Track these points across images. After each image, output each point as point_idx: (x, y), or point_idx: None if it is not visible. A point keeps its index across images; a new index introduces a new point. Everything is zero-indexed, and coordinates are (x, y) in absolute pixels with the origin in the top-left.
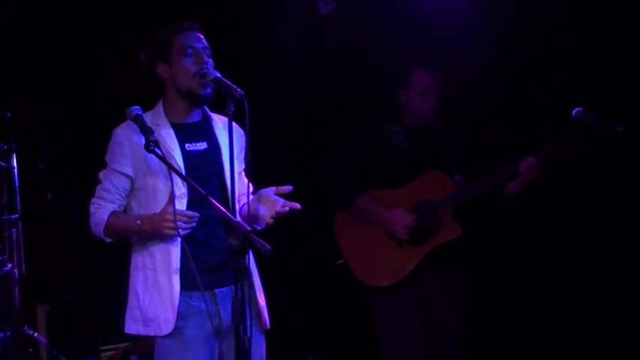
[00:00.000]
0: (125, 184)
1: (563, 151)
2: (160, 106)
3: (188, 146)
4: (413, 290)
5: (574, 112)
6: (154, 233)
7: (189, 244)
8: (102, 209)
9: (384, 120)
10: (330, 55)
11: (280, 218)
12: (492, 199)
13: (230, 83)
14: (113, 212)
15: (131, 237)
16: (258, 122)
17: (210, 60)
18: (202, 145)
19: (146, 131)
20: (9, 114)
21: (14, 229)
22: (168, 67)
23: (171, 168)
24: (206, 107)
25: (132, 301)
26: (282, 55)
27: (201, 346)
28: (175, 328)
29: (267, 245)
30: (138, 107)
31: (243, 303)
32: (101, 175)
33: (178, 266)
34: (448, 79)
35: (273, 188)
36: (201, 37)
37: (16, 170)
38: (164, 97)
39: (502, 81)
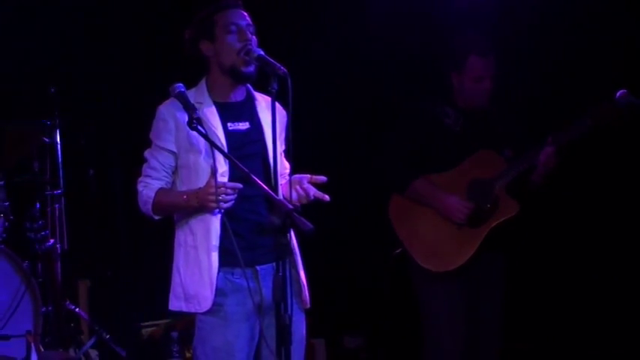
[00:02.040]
0: (171, 160)
1: (607, 118)
2: (203, 84)
3: (230, 125)
4: (462, 274)
5: (618, 94)
6: (199, 208)
7: (231, 221)
8: (149, 187)
9: (436, 101)
10: (378, 34)
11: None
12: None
13: (273, 61)
14: (160, 189)
15: (177, 213)
16: (302, 101)
17: (254, 37)
18: (245, 125)
19: (189, 108)
20: (53, 90)
21: (57, 205)
22: (212, 44)
23: (213, 145)
24: (249, 86)
25: (175, 278)
26: (328, 34)
27: (242, 323)
28: (216, 304)
29: (309, 224)
30: (181, 84)
31: (284, 281)
32: (147, 153)
33: (217, 243)
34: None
35: (307, 176)
36: (245, 14)
37: (59, 146)
38: (207, 75)
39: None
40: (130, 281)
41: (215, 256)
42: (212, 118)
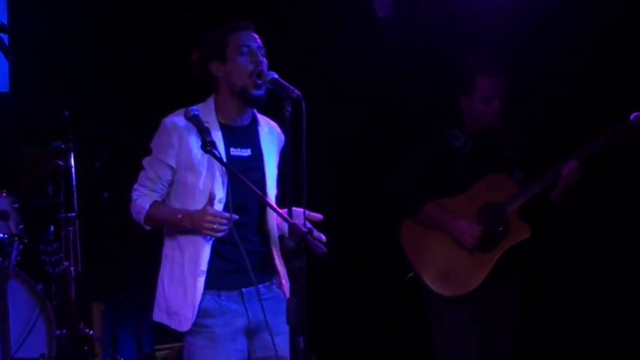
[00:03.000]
0: (168, 175)
1: (621, 139)
2: (211, 104)
3: (233, 151)
4: (475, 298)
5: (633, 116)
6: (192, 229)
7: (221, 245)
8: (144, 198)
9: (445, 124)
10: (389, 58)
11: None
12: (541, 205)
13: (287, 84)
14: (155, 202)
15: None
16: (315, 125)
17: (265, 60)
18: (246, 152)
19: (203, 132)
20: (67, 113)
21: (71, 228)
22: (223, 65)
23: (229, 170)
24: (255, 110)
25: (159, 290)
26: (340, 58)
27: (230, 343)
28: (200, 325)
29: (323, 247)
30: (195, 108)
31: (297, 305)
32: (145, 162)
33: (205, 268)
34: (508, 79)
35: (303, 211)
36: (257, 37)
37: (73, 169)
38: (216, 95)
39: (560, 72)
40: (143, 304)
41: (201, 282)
42: (217, 141)
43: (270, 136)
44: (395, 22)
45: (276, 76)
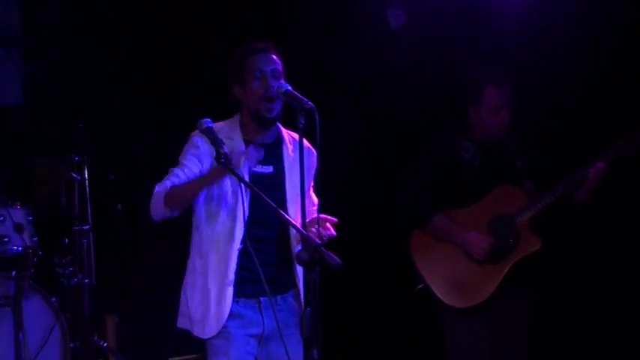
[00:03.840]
0: (196, 169)
1: (630, 150)
2: (236, 120)
3: (255, 168)
4: (487, 309)
5: None
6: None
7: (244, 256)
8: (163, 187)
9: (454, 135)
10: (400, 69)
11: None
12: (562, 209)
13: (300, 96)
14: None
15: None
16: (328, 136)
17: (281, 81)
18: (268, 169)
19: (217, 144)
20: (81, 125)
21: (85, 240)
22: (242, 89)
23: (241, 180)
24: (281, 127)
25: (182, 299)
26: (350, 68)
27: (244, 345)
28: (222, 327)
29: (337, 259)
30: (209, 120)
31: (312, 316)
32: (170, 170)
33: (233, 278)
34: (517, 89)
35: (317, 222)
36: (274, 58)
37: (87, 182)
38: (240, 115)
39: (570, 84)
40: (158, 316)
41: (230, 291)
42: (239, 157)
43: (296, 154)
44: (407, 32)
45: (290, 88)
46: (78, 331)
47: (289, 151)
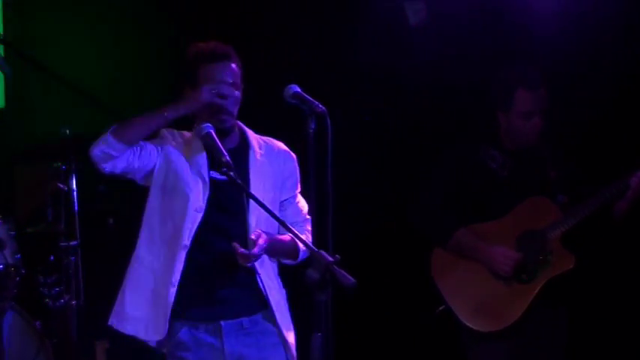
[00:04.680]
0: (149, 155)
1: None
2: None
3: (212, 173)
4: (515, 332)
5: None
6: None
7: (201, 275)
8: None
9: (481, 144)
10: (419, 69)
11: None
12: (599, 222)
13: (311, 99)
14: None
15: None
16: (340, 141)
17: (236, 93)
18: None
19: (218, 152)
20: (68, 131)
21: (72, 258)
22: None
23: (247, 194)
24: (247, 131)
25: (119, 294)
26: (366, 69)
27: None
28: (176, 357)
29: (351, 278)
30: (209, 125)
31: (323, 343)
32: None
33: (177, 280)
34: (550, 92)
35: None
36: (232, 67)
37: (75, 193)
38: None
39: (606, 90)
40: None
41: (172, 293)
42: (200, 162)
43: (267, 160)
44: (427, 30)
45: (299, 90)
46: (64, 359)
47: (257, 155)
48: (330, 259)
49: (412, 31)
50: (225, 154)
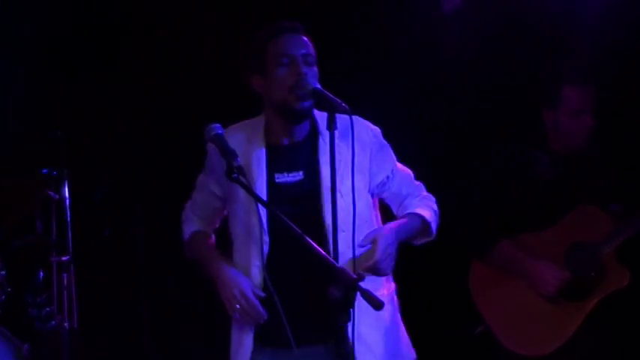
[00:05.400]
0: (215, 201)
1: None
2: (260, 122)
3: (278, 177)
4: (561, 357)
5: None
6: None
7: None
8: (187, 224)
9: (525, 145)
10: (457, 63)
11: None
12: None
13: (333, 97)
14: (195, 232)
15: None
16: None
17: (314, 68)
18: (296, 176)
19: (228, 154)
20: (59, 133)
21: (65, 274)
22: (263, 79)
23: (257, 200)
24: (315, 114)
25: None
26: (395, 61)
27: None
28: None
29: (378, 298)
30: (218, 125)
31: None
32: (197, 181)
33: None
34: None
35: (352, 252)
36: (305, 40)
37: (67, 202)
38: (264, 113)
39: None
40: None
41: (249, 340)
42: (255, 165)
43: (344, 143)
44: (463, 17)
45: (320, 86)
46: None
47: (328, 144)
48: (355, 276)
49: (446, 19)
50: (237, 157)
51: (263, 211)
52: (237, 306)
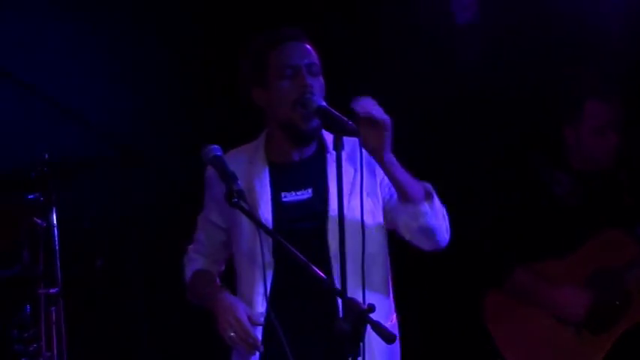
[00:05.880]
0: (219, 234)
1: None
2: (262, 139)
3: (285, 196)
4: None
5: None
6: None
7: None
8: (190, 264)
9: (544, 164)
10: (469, 75)
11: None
12: None
13: (339, 115)
14: (196, 271)
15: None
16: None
17: (320, 79)
18: (305, 194)
19: (228, 177)
20: (46, 155)
21: (53, 308)
22: (265, 92)
23: (260, 226)
24: (325, 132)
25: None
26: (406, 73)
27: None
28: None
29: (389, 330)
30: (217, 147)
31: None
32: (198, 219)
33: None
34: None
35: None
36: (308, 48)
37: (56, 229)
38: (266, 129)
39: None
40: None
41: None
42: (259, 185)
43: (351, 161)
44: (478, 27)
45: (325, 103)
46: None
47: (338, 160)
48: (365, 307)
49: (460, 30)
50: (238, 180)
51: (266, 235)
52: (232, 333)
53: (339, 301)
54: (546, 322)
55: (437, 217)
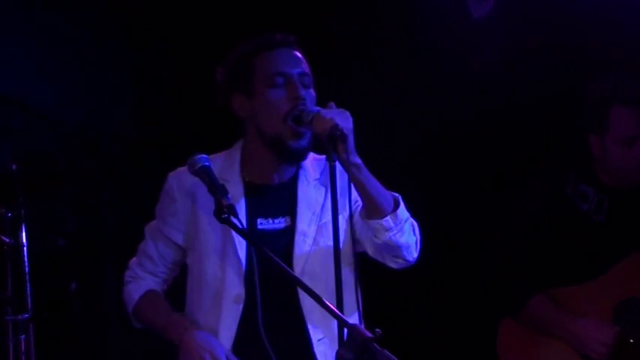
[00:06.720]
0: (174, 253)
1: None
2: (236, 152)
3: (261, 223)
4: None
5: None
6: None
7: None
8: (136, 282)
9: (568, 176)
10: (485, 76)
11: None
12: None
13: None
14: (147, 292)
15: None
16: (381, 166)
17: (311, 91)
18: (280, 223)
19: (217, 191)
20: (14, 166)
21: (22, 336)
22: (249, 100)
23: (255, 246)
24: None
25: None
26: (416, 72)
27: None
28: None
29: (394, 358)
30: (205, 156)
31: None
32: (147, 230)
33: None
34: None
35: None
36: (299, 56)
37: (25, 249)
38: (244, 141)
39: None
40: None
41: None
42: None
43: (318, 190)
44: (495, 24)
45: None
46: None
47: (306, 186)
48: (369, 334)
49: (475, 26)
50: (228, 194)
51: (242, 261)
52: None
53: (312, 335)
54: (566, 354)
55: (402, 232)
